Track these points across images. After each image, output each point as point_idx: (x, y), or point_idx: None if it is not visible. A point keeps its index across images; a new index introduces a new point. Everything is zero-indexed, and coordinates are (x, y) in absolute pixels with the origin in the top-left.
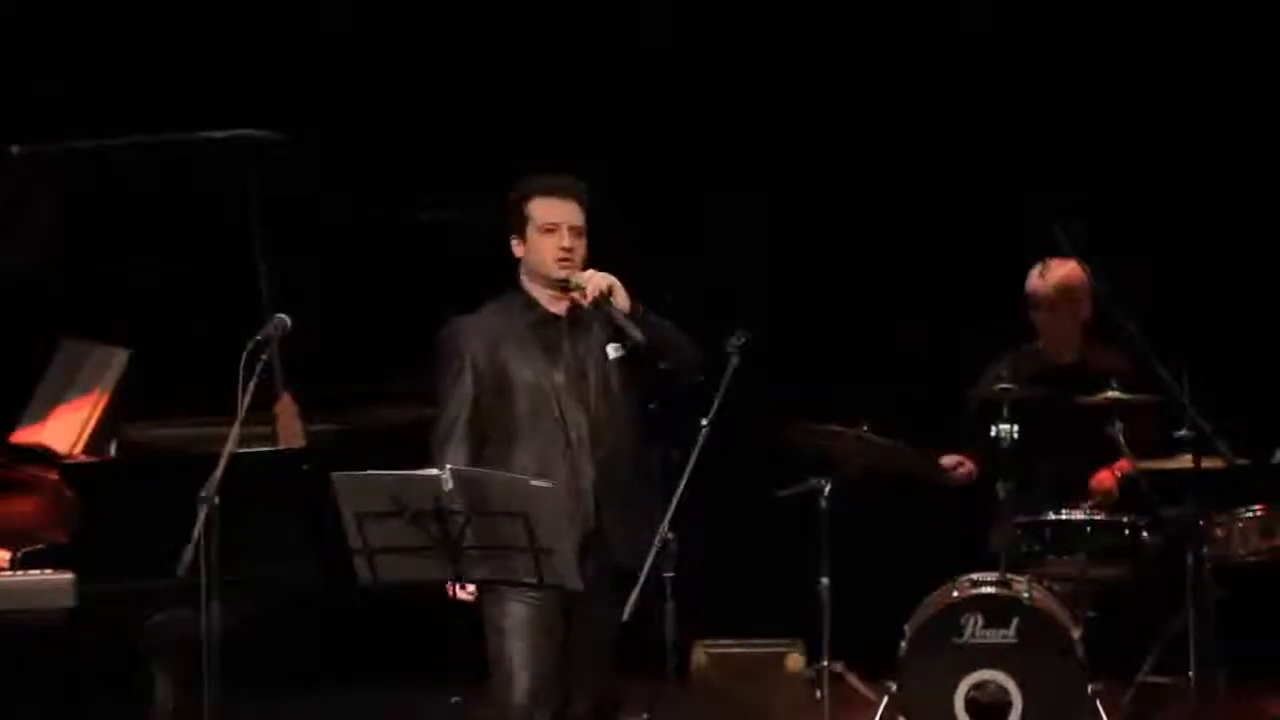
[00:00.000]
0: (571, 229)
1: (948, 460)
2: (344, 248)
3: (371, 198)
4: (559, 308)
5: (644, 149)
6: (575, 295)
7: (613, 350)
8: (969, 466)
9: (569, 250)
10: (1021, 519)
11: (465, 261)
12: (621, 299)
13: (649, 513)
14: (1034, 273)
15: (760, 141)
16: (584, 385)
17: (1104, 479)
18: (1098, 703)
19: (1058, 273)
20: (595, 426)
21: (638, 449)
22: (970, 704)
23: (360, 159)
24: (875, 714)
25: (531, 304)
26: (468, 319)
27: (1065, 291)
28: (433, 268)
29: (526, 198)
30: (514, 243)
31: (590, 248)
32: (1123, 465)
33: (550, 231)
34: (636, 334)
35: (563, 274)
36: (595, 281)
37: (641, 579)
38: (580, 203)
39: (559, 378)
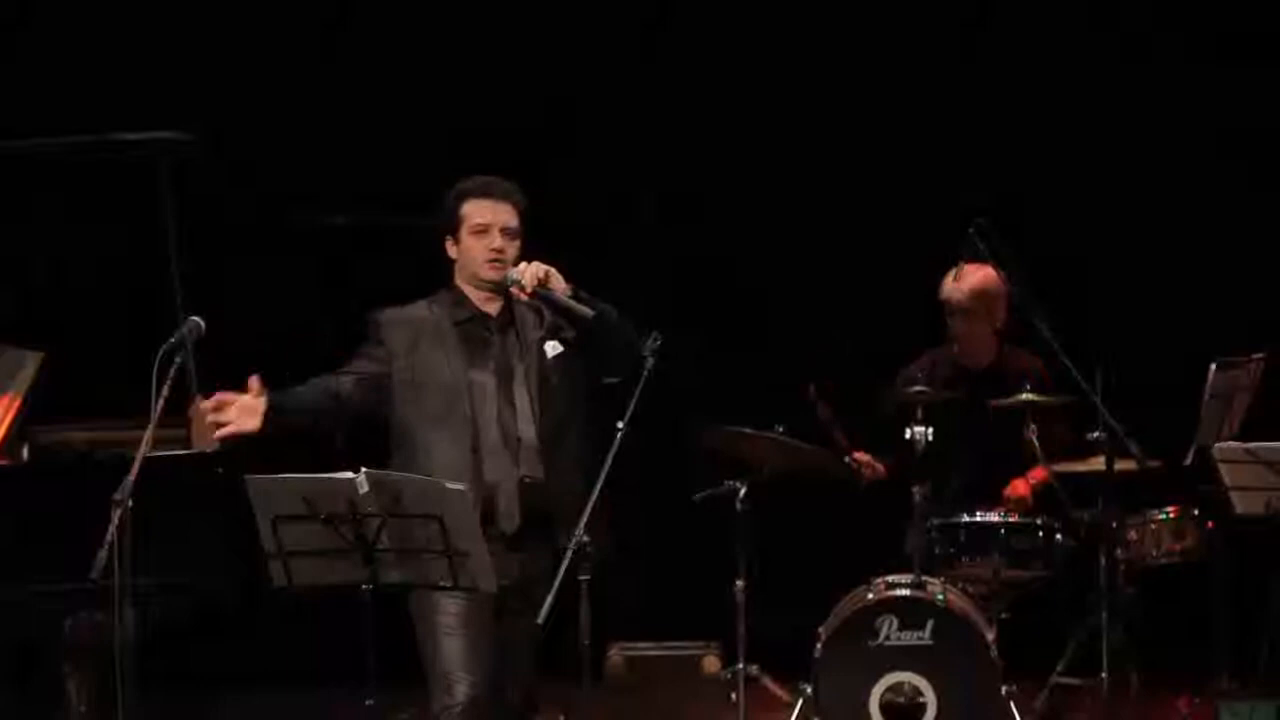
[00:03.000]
0: (504, 230)
1: (861, 455)
2: (259, 250)
3: (282, 201)
4: (490, 307)
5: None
6: (513, 290)
7: (550, 348)
8: (878, 469)
9: (499, 251)
10: (936, 521)
11: (383, 264)
12: (559, 284)
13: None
14: (948, 278)
15: (684, 131)
16: (513, 384)
17: (1018, 487)
18: (1011, 704)
19: (972, 279)
20: (527, 425)
21: (585, 445)
22: (885, 706)
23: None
24: (790, 716)
25: (462, 302)
26: (397, 310)
27: (980, 298)
28: (352, 270)
29: (460, 199)
30: (448, 243)
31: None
32: (1037, 474)
33: (481, 233)
34: (585, 311)
35: (493, 275)
36: (531, 271)
37: (557, 582)
38: (515, 205)
39: (479, 377)
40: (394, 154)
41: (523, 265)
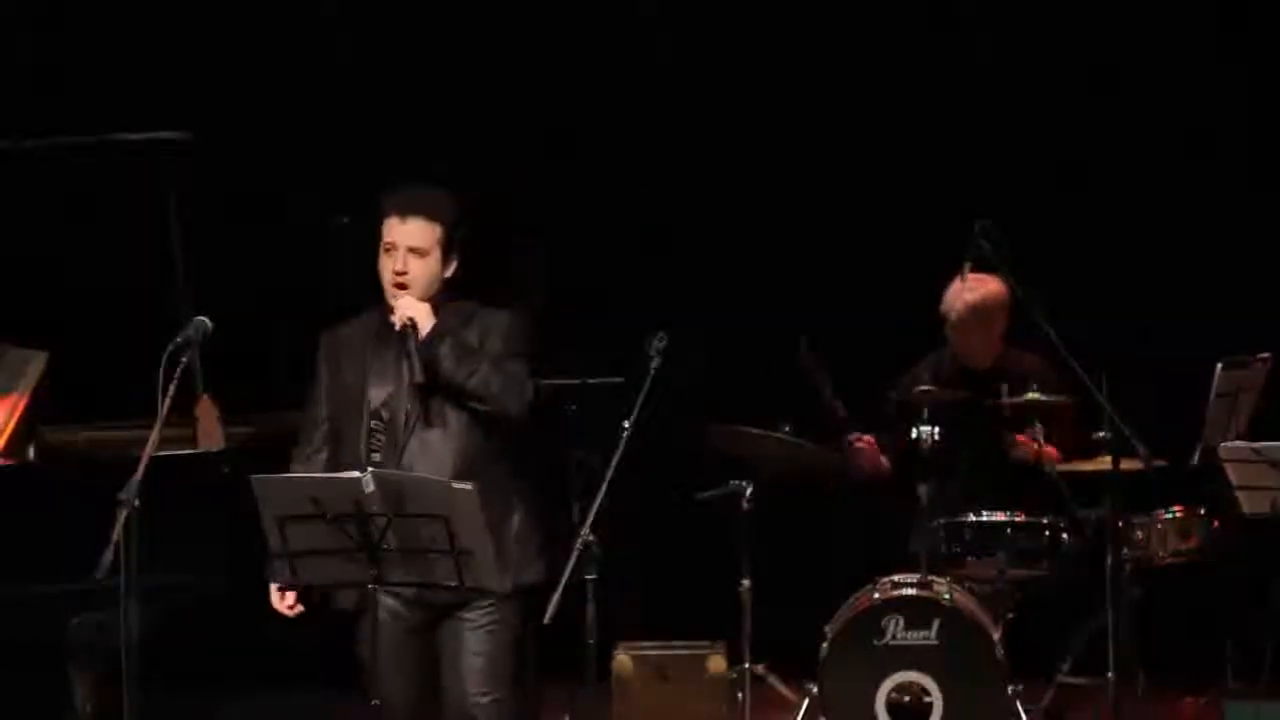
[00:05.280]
0: (411, 250)
1: (865, 439)
2: (261, 248)
3: (285, 199)
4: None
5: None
6: (394, 319)
7: None
8: (881, 461)
9: (400, 274)
10: (942, 520)
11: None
12: (425, 327)
13: (520, 530)
14: (951, 288)
15: (688, 132)
16: (415, 401)
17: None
18: (1018, 703)
19: (974, 293)
20: (426, 439)
21: (490, 465)
22: (891, 705)
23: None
24: (796, 716)
25: (384, 317)
26: (330, 332)
27: (978, 312)
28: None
29: (380, 215)
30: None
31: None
32: (1052, 453)
33: (388, 252)
34: (417, 374)
35: (394, 300)
36: (401, 311)
37: (562, 582)
38: (432, 218)
39: (377, 393)
40: (395, 154)
41: (405, 300)
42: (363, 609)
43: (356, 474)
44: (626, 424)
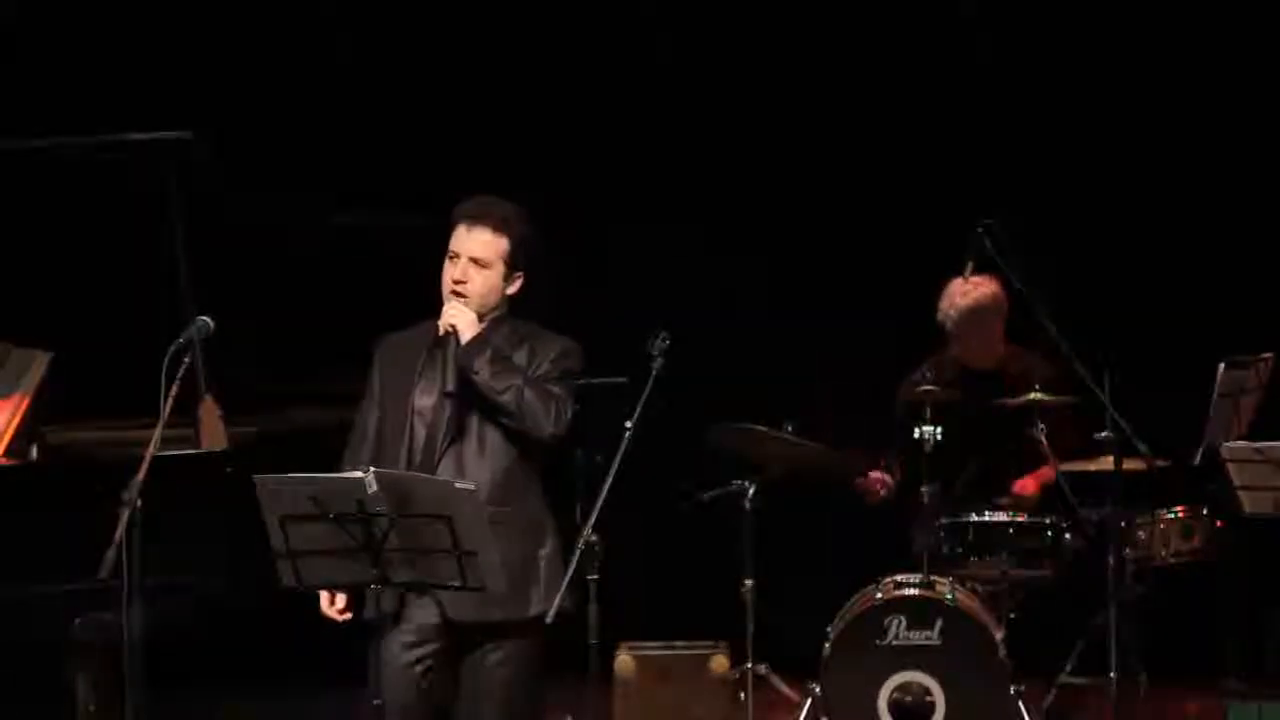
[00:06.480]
0: (473, 260)
1: (874, 475)
2: (269, 248)
3: (286, 199)
4: None
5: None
6: (439, 324)
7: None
8: (887, 486)
9: (459, 282)
10: (944, 520)
11: (395, 265)
12: (465, 335)
13: (552, 559)
14: (946, 293)
15: (690, 134)
16: (455, 410)
17: (1026, 484)
18: (1020, 703)
19: (967, 298)
20: (461, 454)
21: (526, 490)
22: (893, 705)
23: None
24: (799, 716)
25: (438, 325)
26: (388, 337)
27: (974, 316)
28: (363, 270)
29: (450, 223)
30: None
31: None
32: (1047, 473)
33: (451, 260)
34: (449, 384)
35: None
36: (445, 317)
37: (565, 582)
38: (500, 230)
39: (424, 401)
40: (394, 154)
41: (454, 309)
42: (384, 620)
43: (359, 473)
44: (629, 424)
